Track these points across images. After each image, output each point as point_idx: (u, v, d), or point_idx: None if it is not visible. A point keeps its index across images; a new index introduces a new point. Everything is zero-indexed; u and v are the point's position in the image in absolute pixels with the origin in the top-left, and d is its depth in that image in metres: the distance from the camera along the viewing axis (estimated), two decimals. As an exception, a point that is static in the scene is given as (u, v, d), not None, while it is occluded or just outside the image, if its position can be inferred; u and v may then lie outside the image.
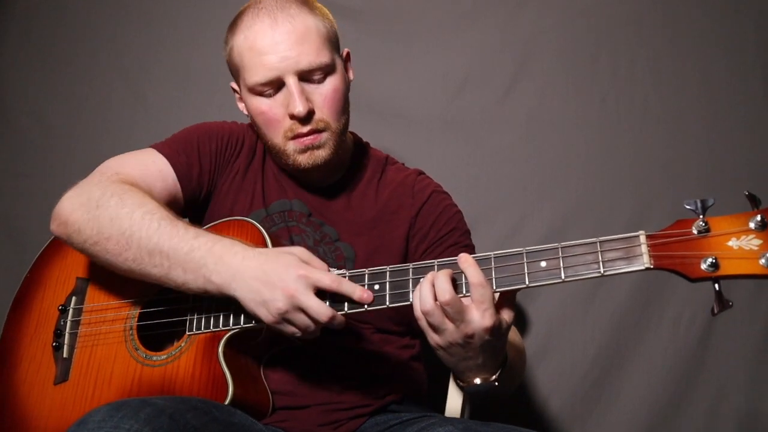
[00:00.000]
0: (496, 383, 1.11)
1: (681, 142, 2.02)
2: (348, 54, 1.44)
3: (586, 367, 1.96)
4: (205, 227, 1.34)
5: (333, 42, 1.36)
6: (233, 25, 1.36)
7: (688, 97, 2.05)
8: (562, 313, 2.01)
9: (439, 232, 1.42)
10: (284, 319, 1.11)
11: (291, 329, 1.13)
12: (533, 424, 1.17)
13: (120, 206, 1.22)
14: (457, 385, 1.16)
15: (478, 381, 1.11)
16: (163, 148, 1.40)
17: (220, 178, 1.44)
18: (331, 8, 1.48)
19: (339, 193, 1.44)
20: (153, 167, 1.37)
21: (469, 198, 2.00)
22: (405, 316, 1.14)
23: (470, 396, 1.12)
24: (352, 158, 1.48)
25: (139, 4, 2.40)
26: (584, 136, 2.08)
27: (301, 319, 1.11)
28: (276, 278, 1.10)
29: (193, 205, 1.43)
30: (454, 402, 1.47)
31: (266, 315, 1.12)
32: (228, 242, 1.17)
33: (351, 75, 1.45)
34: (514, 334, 1.37)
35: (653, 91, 2.07)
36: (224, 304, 1.21)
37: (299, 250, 1.16)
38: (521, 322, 2.00)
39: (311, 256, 1.16)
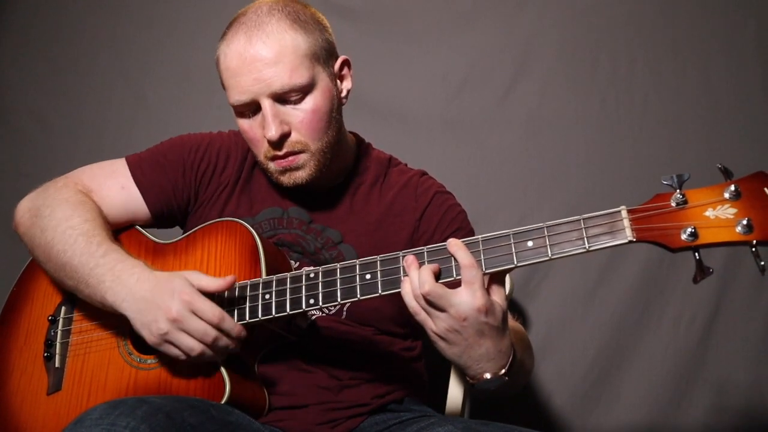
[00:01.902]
0: (506, 377, 1.09)
1: (681, 142, 2.02)
2: (345, 62, 1.39)
3: (586, 367, 1.96)
4: (193, 230, 1.35)
5: (318, 56, 1.31)
6: (222, 36, 1.33)
7: (688, 97, 2.05)
8: (562, 313, 2.00)
9: (444, 233, 1.41)
10: (166, 340, 1.16)
11: (174, 351, 1.17)
12: (533, 424, 1.17)
13: (50, 218, 1.30)
14: (468, 383, 1.14)
15: (488, 376, 1.08)
16: (132, 159, 1.43)
17: (203, 190, 1.43)
18: (331, 9, 1.48)
19: (342, 196, 1.43)
20: (108, 170, 1.42)
21: (469, 198, 1.98)
22: (407, 316, 1.13)
23: (482, 394, 1.11)
24: (354, 160, 1.47)
25: (140, 5, 2.41)
26: (584, 136, 2.08)
27: (184, 340, 1.15)
28: (161, 301, 1.15)
29: (169, 215, 1.44)
30: (455, 400, 1.47)
31: (149, 335, 1.17)
32: (131, 263, 1.22)
33: (348, 84, 1.40)
34: (519, 327, 1.36)
35: (653, 91, 2.07)
36: (218, 302, 1.21)
37: (190, 274, 1.20)
38: (521, 322, 2.00)
39: (208, 280, 1.19)
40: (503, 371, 1.09)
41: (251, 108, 1.30)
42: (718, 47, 2.06)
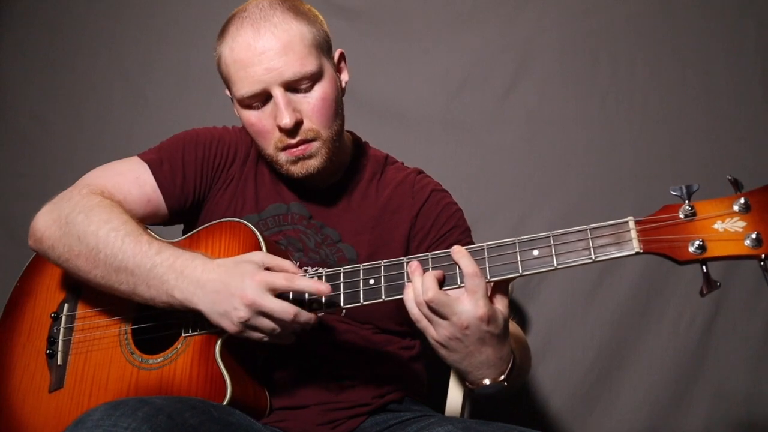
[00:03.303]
0: (506, 383, 1.09)
1: (681, 142, 2.02)
2: (342, 54, 1.42)
3: (586, 367, 1.96)
4: (196, 230, 1.35)
5: (321, 47, 1.33)
6: (221, 34, 1.34)
7: (688, 97, 2.05)
8: (562, 313, 2.01)
9: (439, 231, 1.42)
10: (247, 326, 1.14)
11: (257, 335, 1.15)
12: (533, 424, 1.17)
13: (87, 224, 1.25)
14: (467, 388, 1.15)
15: (487, 382, 1.09)
16: (146, 156, 1.41)
17: (213, 186, 1.43)
18: (331, 8, 1.48)
19: (339, 194, 1.44)
20: (131, 176, 1.38)
21: (469, 198, 2.00)
22: (406, 315, 1.14)
23: (481, 398, 1.11)
24: (351, 159, 1.48)
25: (139, 4, 2.41)
26: (584, 136, 2.08)
27: (265, 323, 1.14)
28: (234, 288, 1.13)
29: (182, 213, 1.43)
30: (455, 400, 1.47)
31: (229, 325, 1.14)
32: (189, 257, 1.19)
33: (346, 76, 1.42)
34: (517, 330, 1.37)
35: (653, 91, 2.07)
36: None
37: (258, 256, 1.19)
38: (521, 322, 2.00)
39: (273, 258, 1.19)
40: (502, 377, 1.09)
41: (261, 99, 1.30)
42: (718, 47, 2.06)
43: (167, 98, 2.32)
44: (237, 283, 1.13)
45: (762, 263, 0.93)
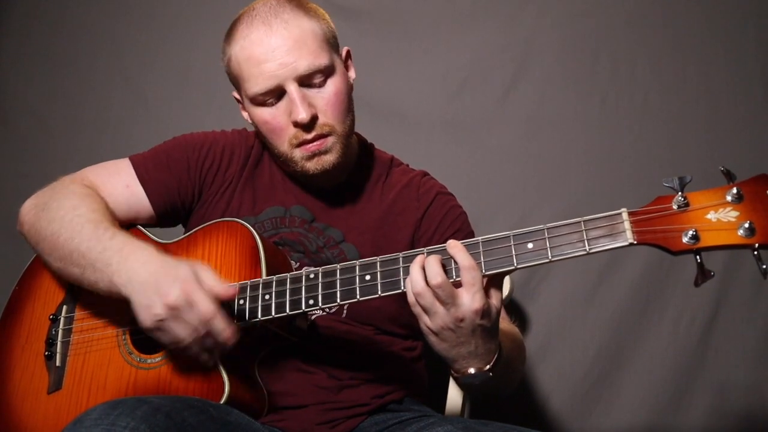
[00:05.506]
0: (491, 373, 1.10)
1: (681, 142, 2.02)
2: (348, 52, 1.43)
3: (586, 367, 1.96)
4: (193, 230, 1.36)
5: (331, 42, 1.35)
6: (229, 35, 1.35)
7: (688, 97, 2.05)
8: (562, 313, 2.00)
9: (444, 234, 1.42)
10: (159, 327, 1.11)
11: (164, 338, 1.13)
12: (533, 424, 1.17)
13: (57, 209, 1.29)
14: (452, 376, 1.15)
15: (472, 371, 1.10)
16: (135, 158, 1.43)
17: (204, 189, 1.43)
18: (331, 8, 1.49)
19: (344, 194, 1.44)
20: (113, 169, 1.41)
21: (469, 198, 1.98)
22: (408, 317, 1.14)
23: (466, 388, 1.11)
24: (357, 160, 1.48)
25: (139, 4, 2.41)
26: (584, 136, 2.08)
27: (176, 330, 1.10)
28: (162, 285, 1.11)
29: (172, 214, 1.44)
30: (454, 400, 1.47)
31: (145, 318, 1.12)
32: (138, 245, 1.19)
33: (353, 74, 1.43)
34: (511, 326, 1.37)
35: (653, 91, 2.07)
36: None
37: (200, 267, 1.15)
38: (521, 322, 2.00)
39: (209, 276, 1.14)
40: (488, 367, 1.10)
41: (275, 95, 1.30)
42: (718, 47, 2.06)
43: (167, 98, 2.32)
44: (168, 282, 1.10)
45: (755, 252, 0.93)
